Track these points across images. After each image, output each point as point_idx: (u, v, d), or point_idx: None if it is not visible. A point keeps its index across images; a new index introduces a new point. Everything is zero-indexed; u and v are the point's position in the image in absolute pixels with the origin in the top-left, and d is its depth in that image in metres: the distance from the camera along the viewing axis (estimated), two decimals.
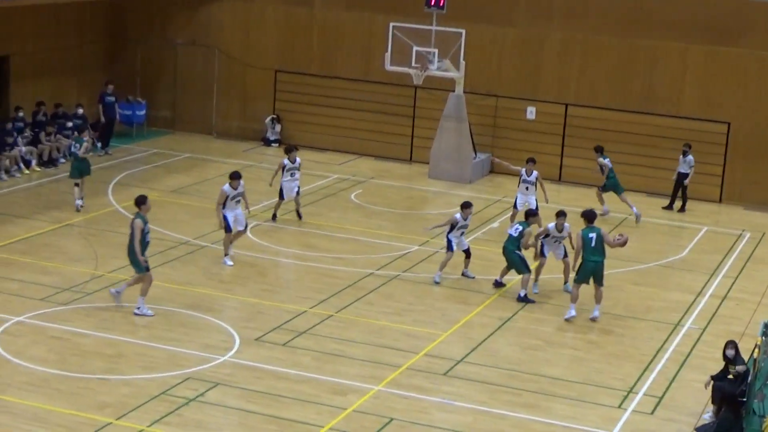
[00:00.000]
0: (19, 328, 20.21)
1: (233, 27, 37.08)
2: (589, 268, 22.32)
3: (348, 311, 22.19)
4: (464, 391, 18.78)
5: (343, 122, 36.05)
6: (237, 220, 24.57)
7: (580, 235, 22.36)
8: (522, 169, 28.11)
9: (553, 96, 34.28)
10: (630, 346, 21.40)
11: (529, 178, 27.94)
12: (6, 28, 32.84)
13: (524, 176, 27.97)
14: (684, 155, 31.14)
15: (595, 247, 22.29)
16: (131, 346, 19.70)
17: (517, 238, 23.45)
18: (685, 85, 33.18)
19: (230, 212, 24.40)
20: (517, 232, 23.54)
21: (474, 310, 22.72)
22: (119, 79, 36.67)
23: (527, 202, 27.70)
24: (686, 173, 31.15)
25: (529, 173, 27.95)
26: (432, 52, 32.29)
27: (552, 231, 23.65)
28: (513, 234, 23.57)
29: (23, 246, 24.87)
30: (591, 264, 22.29)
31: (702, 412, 18.33)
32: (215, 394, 17.97)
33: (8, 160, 30.66)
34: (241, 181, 24.56)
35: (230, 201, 24.38)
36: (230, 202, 24.40)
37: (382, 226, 28.38)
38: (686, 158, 31.12)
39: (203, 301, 22.17)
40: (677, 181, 31.37)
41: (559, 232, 23.66)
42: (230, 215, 24.38)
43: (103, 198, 29.19)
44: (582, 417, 18.13)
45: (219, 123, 37.69)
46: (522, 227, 23.59)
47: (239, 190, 24.49)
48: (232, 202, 24.44)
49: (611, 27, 33.64)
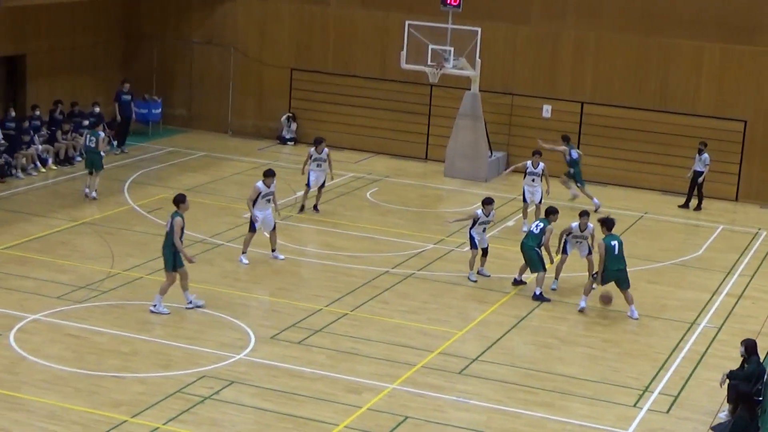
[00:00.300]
0: (36, 326, 20.28)
1: (249, 25, 37.11)
2: (613, 276, 22.45)
3: (363, 309, 22.20)
4: (479, 390, 18.78)
5: (358, 120, 36.06)
6: (265, 222, 24.57)
7: (603, 245, 22.34)
8: (528, 162, 28.31)
9: (568, 94, 34.24)
10: (645, 344, 21.36)
11: (535, 170, 28.11)
12: (22, 27, 32.95)
13: (530, 168, 28.15)
14: (699, 153, 31.07)
15: (617, 255, 22.38)
16: (147, 344, 19.75)
17: (538, 235, 23.38)
18: (701, 83, 33.08)
19: (260, 212, 24.40)
20: (539, 228, 23.49)
21: (489, 308, 22.71)
22: (135, 77, 36.77)
23: (533, 194, 28.04)
24: (701, 171, 31.09)
25: (536, 165, 28.10)
26: (448, 51, 32.29)
27: (575, 230, 23.66)
28: (534, 231, 23.51)
29: (39, 244, 24.95)
30: (614, 273, 22.40)
31: (718, 411, 18.30)
32: (230, 392, 18.00)
33: (25, 159, 30.76)
34: (274, 180, 24.59)
35: (261, 199, 24.38)
36: (261, 201, 24.40)
37: (398, 224, 28.39)
38: (702, 156, 31.05)
39: (219, 299, 22.20)
40: (693, 179, 31.30)
41: (581, 231, 23.66)
42: (260, 215, 24.39)
43: (119, 196, 29.26)
44: (597, 416, 18.11)
45: (235, 121, 37.74)
46: (543, 224, 23.53)
47: (272, 189, 24.52)
48: (263, 200, 24.44)
49: (626, 24, 33.57)
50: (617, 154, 33.33)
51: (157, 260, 24.03)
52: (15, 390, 17.59)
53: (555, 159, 30.97)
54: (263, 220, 24.45)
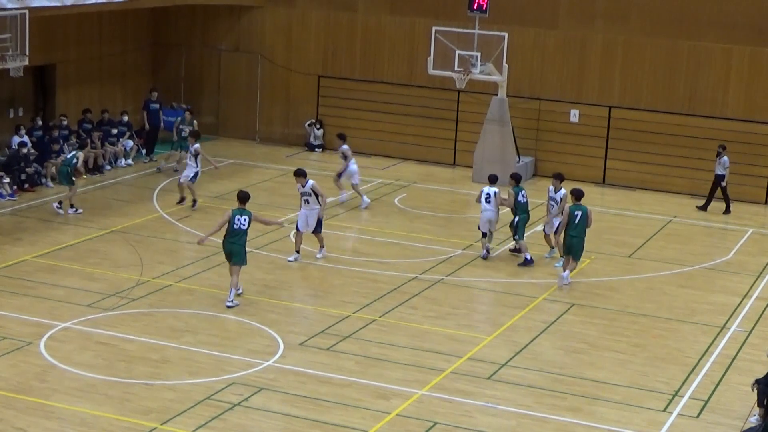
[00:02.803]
0: (66, 333, 20.38)
1: (276, 33, 37.22)
2: (568, 241, 24.37)
3: (391, 315, 22.21)
4: (508, 395, 18.75)
5: (386, 127, 36.09)
6: (306, 222, 25.05)
7: (568, 211, 24.38)
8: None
9: (596, 98, 34.17)
10: (675, 348, 21.28)
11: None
12: (50, 37, 33.13)
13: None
14: (718, 156, 30.96)
15: (577, 224, 24.27)
16: (176, 351, 19.82)
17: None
18: (729, 86, 32.96)
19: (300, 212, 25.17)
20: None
21: (518, 313, 22.68)
22: (163, 85, 36.95)
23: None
24: (722, 175, 30.96)
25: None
26: (475, 56, 32.29)
27: (550, 191, 25.88)
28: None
29: (70, 252, 25.08)
30: (569, 238, 24.33)
31: (748, 415, 18.21)
32: (259, 399, 18.04)
33: (54, 168, 30.91)
34: (309, 180, 24.95)
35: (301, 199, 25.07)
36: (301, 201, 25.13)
37: (426, 230, 28.39)
38: (721, 159, 30.93)
39: (248, 306, 22.26)
40: (714, 183, 31.18)
41: (554, 193, 25.84)
42: (301, 215, 25.09)
43: (148, 204, 29.38)
44: (627, 421, 18.05)
45: (262, 128, 37.85)
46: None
47: (305, 189, 24.86)
48: (301, 200, 25.05)
49: (654, 28, 33.49)
50: (645, 158, 33.22)
51: (185, 267, 24.18)
52: (46, 398, 17.68)
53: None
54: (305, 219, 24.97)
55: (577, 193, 24.55)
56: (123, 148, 33.51)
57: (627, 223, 30.13)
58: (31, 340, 19.90)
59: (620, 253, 27.13)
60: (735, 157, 32.04)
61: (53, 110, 33.79)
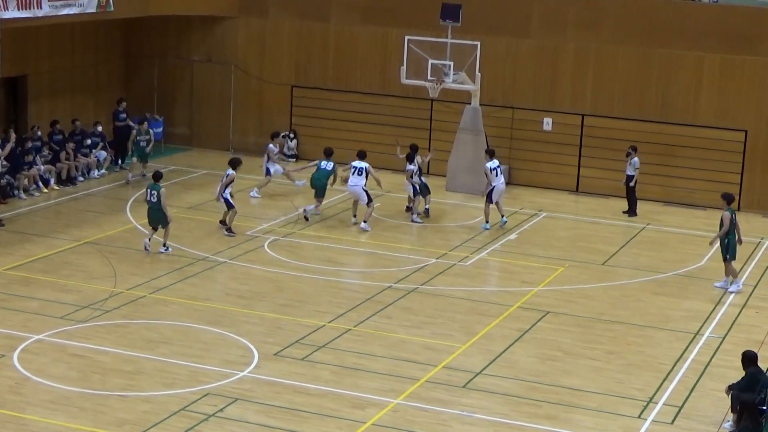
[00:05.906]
0: (40, 346, 20.30)
1: (249, 43, 37.20)
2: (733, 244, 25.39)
3: (366, 325, 22.21)
4: (484, 404, 18.77)
5: (360, 136, 36.05)
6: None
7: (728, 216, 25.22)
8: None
9: (569, 106, 34.28)
10: (649, 355, 21.35)
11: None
12: (23, 49, 32.99)
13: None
14: (629, 156, 31.17)
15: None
16: (151, 363, 19.76)
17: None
18: (702, 93, 33.11)
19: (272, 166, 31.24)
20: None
21: (493, 321, 22.71)
22: (136, 96, 36.87)
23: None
24: (632, 175, 31.16)
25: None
26: (448, 65, 32.37)
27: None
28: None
29: (43, 264, 24.98)
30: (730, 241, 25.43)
31: (722, 421, 18.29)
32: (235, 410, 18.00)
33: (27, 179, 30.80)
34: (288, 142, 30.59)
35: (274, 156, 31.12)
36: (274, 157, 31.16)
37: (400, 239, 28.41)
38: (632, 160, 31.14)
39: (222, 316, 22.22)
40: (626, 183, 31.37)
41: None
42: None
43: (121, 215, 29.29)
44: (603, 428, 18.10)
45: (236, 139, 37.80)
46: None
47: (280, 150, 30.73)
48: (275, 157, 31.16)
49: (625, 36, 33.62)
50: (618, 165, 33.28)
51: (159, 278, 24.14)
52: (20, 411, 17.60)
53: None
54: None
55: (728, 198, 25.72)
56: (96, 159, 33.45)
57: (601, 230, 30.23)
58: (4, 353, 19.81)
59: (594, 261, 27.21)
60: (707, 164, 32.24)
61: (26, 122, 33.64)
